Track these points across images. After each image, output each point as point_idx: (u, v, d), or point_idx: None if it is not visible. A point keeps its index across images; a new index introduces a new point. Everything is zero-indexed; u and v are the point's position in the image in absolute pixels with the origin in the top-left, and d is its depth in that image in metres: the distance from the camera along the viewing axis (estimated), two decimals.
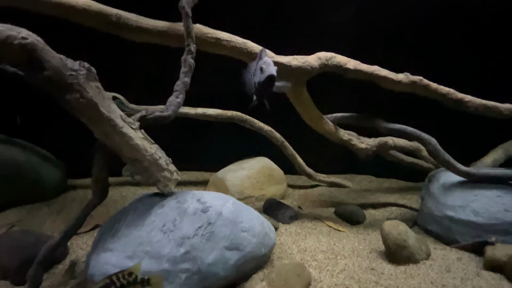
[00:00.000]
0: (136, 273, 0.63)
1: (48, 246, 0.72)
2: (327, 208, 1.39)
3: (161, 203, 0.81)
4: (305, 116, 1.21)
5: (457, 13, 1.56)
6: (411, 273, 0.84)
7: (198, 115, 1.38)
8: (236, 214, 0.81)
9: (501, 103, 1.14)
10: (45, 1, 0.83)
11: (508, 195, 1.02)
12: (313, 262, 0.89)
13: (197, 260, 0.71)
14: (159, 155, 0.82)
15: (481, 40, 1.56)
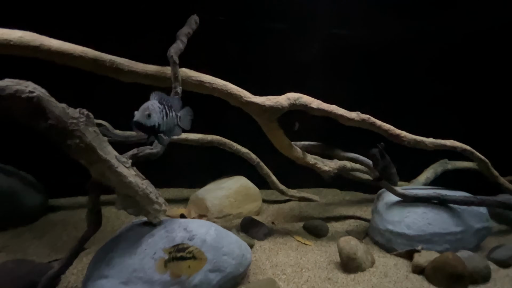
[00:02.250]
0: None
1: (48, 276, 0.80)
2: (297, 223, 1.58)
3: (151, 233, 0.92)
4: (277, 145, 1.38)
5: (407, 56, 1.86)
6: (359, 280, 1.05)
7: (181, 139, 1.49)
8: (218, 240, 0.94)
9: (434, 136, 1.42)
10: (45, 50, 0.90)
11: (431, 212, 1.29)
12: (282, 276, 1.05)
13: (185, 283, 0.83)
14: (150, 189, 0.93)
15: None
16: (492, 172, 1.50)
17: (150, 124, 0.79)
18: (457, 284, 1.06)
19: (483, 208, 1.38)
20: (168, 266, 0.82)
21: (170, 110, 0.86)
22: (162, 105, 0.83)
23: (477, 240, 1.33)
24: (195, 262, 0.84)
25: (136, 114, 0.77)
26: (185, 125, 0.94)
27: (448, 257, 1.09)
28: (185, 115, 0.94)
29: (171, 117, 0.86)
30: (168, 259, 0.82)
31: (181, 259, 0.82)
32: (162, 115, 0.82)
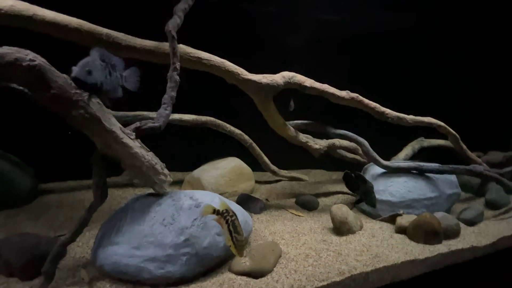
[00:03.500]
0: (226, 209, 0.84)
1: (60, 243, 0.81)
2: (289, 199, 1.67)
3: (158, 202, 0.95)
4: (271, 124, 1.45)
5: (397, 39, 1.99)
6: (350, 240, 1.16)
7: (175, 120, 1.50)
8: None
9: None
10: (39, 20, 0.88)
11: (411, 181, 1.44)
12: (281, 241, 1.14)
13: (195, 245, 0.88)
14: (155, 161, 0.96)
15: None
16: (461, 146, 1.68)
17: (91, 82, 0.72)
18: (433, 239, 1.20)
19: (454, 177, 1.56)
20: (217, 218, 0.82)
21: (114, 69, 0.79)
22: (104, 62, 0.75)
23: (448, 204, 1.50)
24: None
25: (74, 70, 0.69)
26: (132, 86, 0.86)
27: (426, 217, 1.23)
28: (131, 75, 0.86)
29: (115, 77, 0.79)
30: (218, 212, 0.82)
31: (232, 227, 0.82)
32: (105, 74, 0.75)
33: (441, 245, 1.20)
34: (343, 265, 0.99)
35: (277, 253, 1.00)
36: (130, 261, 0.84)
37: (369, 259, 1.04)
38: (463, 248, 1.21)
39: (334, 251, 1.07)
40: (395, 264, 1.05)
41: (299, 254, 1.04)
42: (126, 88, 0.86)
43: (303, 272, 0.94)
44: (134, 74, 0.87)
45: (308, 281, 0.91)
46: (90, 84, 0.72)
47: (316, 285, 0.89)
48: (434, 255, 1.13)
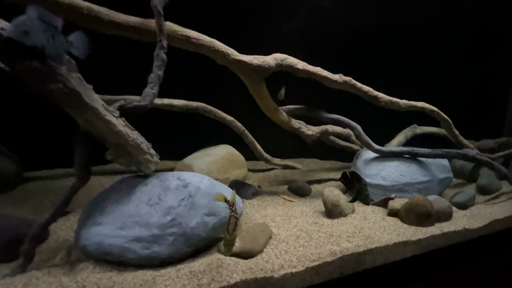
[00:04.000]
0: (234, 202, 0.86)
1: (40, 223, 0.78)
2: (282, 186, 1.65)
3: (144, 182, 0.92)
4: (264, 108, 1.42)
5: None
6: (342, 222, 1.15)
7: (165, 105, 1.46)
8: (211, 187, 0.97)
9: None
10: None
11: (403, 165, 1.43)
12: (272, 223, 1.12)
13: (182, 225, 0.86)
14: (140, 140, 0.92)
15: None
16: (453, 131, 1.68)
17: (30, 44, 0.60)
18: (426, 222, 1.20)
19: (446, 161, 1.55)
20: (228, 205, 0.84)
21: (57, 32, 0.66)
22: (45, 23, 0.63)
23: (440, 189, 1.49)
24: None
25: (7, 29, 0.58)
26: (80, 53, 0.74)
27: (418, 199, 1.22)
28: (78, 40, 0.73)
29: (59, 41, 0.67)
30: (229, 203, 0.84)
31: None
32: (47, 36, 0.63)
33: (434, 227, 1.19)
34: (334, 246, 0.97)
35: (268, 234, 0.98)
36: (114, 241, 0.81)
37: (361, 240, 1.02)
38: (455, 230, 1.20)
39: (325, 232, 1.06)
40: (388, 245, 1.04)
41: (290, 235, 1.02)
42: (73, 55, 0.74)
43: (293, 253, 0.92)
44: (81, 39, 0.74)
45: (299, 262, 0.89)
46: (28, 47, 0.60)
47: (307, 266, 0.88)
48: (426, 237, 1.12)
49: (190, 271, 0.81)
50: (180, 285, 0.76)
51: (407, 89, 1.79)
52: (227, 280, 0.78)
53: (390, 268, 1.06)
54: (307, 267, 0.87)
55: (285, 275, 0.84)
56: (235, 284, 0.78)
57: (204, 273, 0.81)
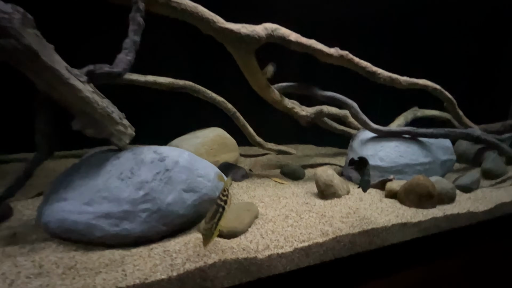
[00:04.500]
0: (227, 188, 0.75)
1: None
2: (274, 170, 1.56)
3: (116, 156, 0.83)
4: (254, 84, 1.33)
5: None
6: (335, 203, 1.06)
7: (148, 83, 1.37)
8: (191, 163, 0.89)
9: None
10: None
11: (403, 145, 1.34)
12: (260, 203, 1.03)
13: (157, 201, 0.77)
14: (111, 109, 0.84)
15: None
16: (457, 112, 1.58)
17: None
18: (427, 203, 1.11)
19: (449, 143, 1.46)
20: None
21: None
22: None
23: (442, 171, 1.40)
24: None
25: None
26: None
27: (419, 179, 1.13)
28: None
29: None
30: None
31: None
32: None
33: (435, 209, 1.11)
34: (326, 226, 0.89)
35: (253, 213, 0.90)
36: (79, 218, 0.73)
37: (356, 221, 0.94)
38: (459, 213, 1.11)
39: (317, 212, 0.97)
40: (385, 226, 0.95)
41: (278, 215, 0.94)
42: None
43: (281, 233, 0.84)
44: None
45: (287, 242, 0.81)
46: None
47: (295, 246, 0.79)
48: (427, 219, 1.04)
49: (164, 250, 0.73)
50: (151, 264, 0.68)
51: (409, 70, 1.69)
52: (204, 260, 0.70)
53: (387, 251, 0.98)
54: (295, 248, 0.79)
55: (270, 256, 0.76)
56: (213, 264, 0.70)
57: (180, 253, 0.73)
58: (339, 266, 0.89)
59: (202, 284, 0.69)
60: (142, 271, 0.66)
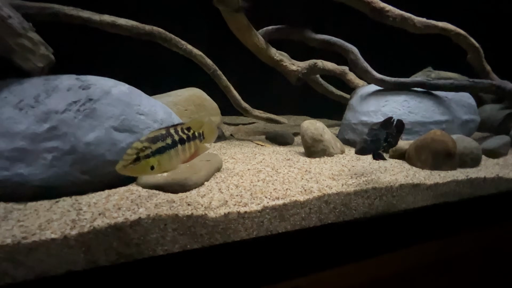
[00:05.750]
0: (194, 129, 0.56)
1: None
2: (259, 136, 1.34)
3: (19, 81, 0.61)
4: (231, 24, 1.09)
5: None
6: (325, 161, 0.84)
7: (105, 24, 1.13)
8: (131, 96, 0.67)
9: None
10: None
11: (413, 100, 1.09)
12: (230, 160, 0.81)
13: (69, 138, 0.56)
14: (8, 13, 0.61)
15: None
16: (484, 65, 1.31)
17: None
18: (444, 164, 0.87)
19: (472, 100, 1.21)
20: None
21: None
22: None
23: (463, 133, 1.15)
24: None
25: None
26: None
27: (435, 134, 0.89)
28: None
29: None
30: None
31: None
32: None
33: (456, 172, 0.87)
34: (311, 183, 0.66)
35: (214, 164, 0.68)
36: None
37: (352, 179, 0.71)
38: (486, 178, 0.87)
39: (300, 168, 0.74)
40: (391, 186, 0.72)
41: (248, 169, 0.71)
42: None
43: (247, 188, 0.62)
44: None
45: (253, 198, 0.58)
46: None
47: (265, 204, 0.57)
48: (446, 182, 0.80)
49: (73, 203, 0.52)
50: (44, 220, 0.47)
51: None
52: (125, 215, 0.49)
53: (393, 220, 0.75)
54: (264, 207, 0.57)
55: (227, 215, 0.54)
56: (137, 221, 0.48)
57: (94, 207, 0.51)
58: (327, 235, 0.66)
59: (121, 250, 0.47)
60: (26, 228, 0.44)
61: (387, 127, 0.75)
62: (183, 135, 0.54)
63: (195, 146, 0.56)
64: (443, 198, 0.82)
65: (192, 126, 0.56)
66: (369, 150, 0.73)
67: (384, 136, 0.75)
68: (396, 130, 0.77)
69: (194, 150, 0.56)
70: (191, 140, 0.55)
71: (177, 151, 0.53)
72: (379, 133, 0.74)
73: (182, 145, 0.53)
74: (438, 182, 0.79)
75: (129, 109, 0.64)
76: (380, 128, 0.75)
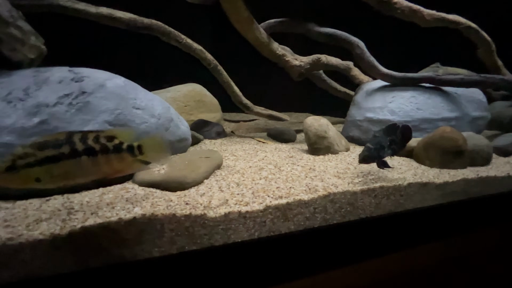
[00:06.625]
0: (120, 139, 0.46)
1: None
2: (260, 133, 1.30)
3: (8, 73, 0.58)
4: (233, 17, 1.05)
5: None
6: (329, 159, 0.80)
7: (101, 16, 1.10)
8: (127, 90, 0.63)
9: None
10: None
11: (421, 96, 1.05)
12: (231, 157, 0.78)
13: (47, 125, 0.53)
14: None
15: None
16: (495, 60, 1.26)
17: None
18: (454, 162, 0.84)
19: (483, 96, 1.17)
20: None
21: None
22: None
23: (472, 131, 1.12)
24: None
25: None
26: None
27: (445, 131, 0.86)
28: None
29: None
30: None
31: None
32: None
33: (466, 170, 0.84)
34: (316, 181, 0.63)
35: (214, 161, 0.64)
36: None
37: (358, 177, 0.68)
38: (496, 176, 0.84)
39: (303, 166, 0.71)
40: (399, 185, 0.69)
41: (249, 167, 0.68)
42: None
43: (249, 186, 0.59)
44: None
45: (255, 197, 0.55)
46: None
47: (267, 203, 0.54)
48: (456, 180, 0.77)
49: (63, 202, 0.49)
50: (32, 220, 0.44)
51: None
52: (120, 214, 0.46)
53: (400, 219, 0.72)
54: (267, 206, 0.54)
55: (228, 215, 0.51)
56: (131, 220, 0.45)
57: (86, 206, 0.48)
58: (333, 236, 0.63)
59: (113, 252, 0.44)
60: (12, 228, 0.42)
61: (390, 133, 0.71)
62: (94, 145, 0.44)
63: (122, 161, 0.45)
64: (452, 197, 0.79)
65: (119, 136, 0.46)
66: (373, 158, 0.69)
67: (388, 143, 0.70)
68: (402, 137, 0.72)
69: (120, 165, 0.45)
70: (112, 153, 0.45)
71: (80, 163, 0.42)
72: (382, 140, 0.69)
73: (91, 156, 0.43)
74: (447, 181, 0.76)
75: (125, 103, 0.61)
76: (383, 135, 0.70)
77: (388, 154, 0.70)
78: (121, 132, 0.46)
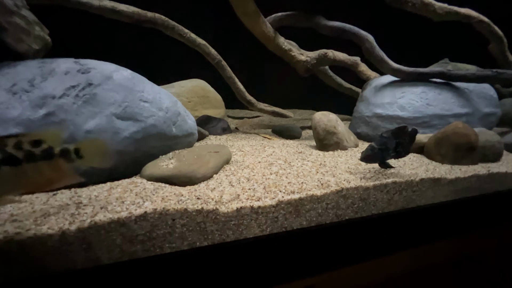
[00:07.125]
0: (49, 142, 0.38)
1: None
2: (265, 129, 1.29)
3: (13, 64, 0.57)
4: (239, 10, 1.03)
5: None
6: (339, 154, 0.79)
7: (104, 9, 1.08)
8: (134, 82, 0.62)
9: None
10: None
11: (432, 91, 1.03)
12: (239, 152, 0.76)
13: (68, 124, 0.51)
14: None
15: None
16: (507, 55, 1.24)
17: None
18: (465, 158, 0.82)
19: (494, 92, 1.15)
20: None
21: None
22: None
23: (483, 127, 1.10)
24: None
25: None
26: None
27: (457, 126, 0.84)
28: None
29: None
30: None
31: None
32: None
33: (477, 166, 0.82)
34: (327, 176, 0.62)
35: (223, 156, 0.63)
36: None
37: (370, 173, 0.67)
38: (507, 172, 0.83)
39: (314, 161, 0.70)
40: (411, 181, 0.68)
41: (259, 162, 0.67)
42: None
43: (260, 181, 0.57)
44: None
45: (267, 192, 0.54)
46: None
47: (279, 199, 0.53)
48: (467, 176, 0.76)
49: (71, 196, 0.48)
50: (39, 214, 0.42)
51: None
52: (130, 209, 0.44)
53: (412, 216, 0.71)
54: (279, 201, 0.53)
55: (240, 210, 0.50)
56: (142, 215, 0.44)
57: (95, 200, 0.47)
58: (345, 232, 0.62)
59: (124, 248, 0.43)
60: (19, 222, 0.40)
61: (398, 136, 0.68)
62: (15, 153, 0.37)
63: (57, 169, 0.39)
64: (463, 193, 0.78)
65: (47, 139, 0.38)
66: (375, 159, 0.67)
67: (394, 145, 0.68)
68: (409, 139, 0.70)
69: (56, 174, 0.39)
70: (41, 160, 0.38)
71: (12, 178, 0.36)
72: (389, 142, 0.67)
73: (14, 166, 0.36)
74: (459, 177, 0.74)
75: (132, 96, 0.59)
76: (390, 136, 0.68)
77: (392, 157, 0.69)
78: (47, 134, 0.38)
